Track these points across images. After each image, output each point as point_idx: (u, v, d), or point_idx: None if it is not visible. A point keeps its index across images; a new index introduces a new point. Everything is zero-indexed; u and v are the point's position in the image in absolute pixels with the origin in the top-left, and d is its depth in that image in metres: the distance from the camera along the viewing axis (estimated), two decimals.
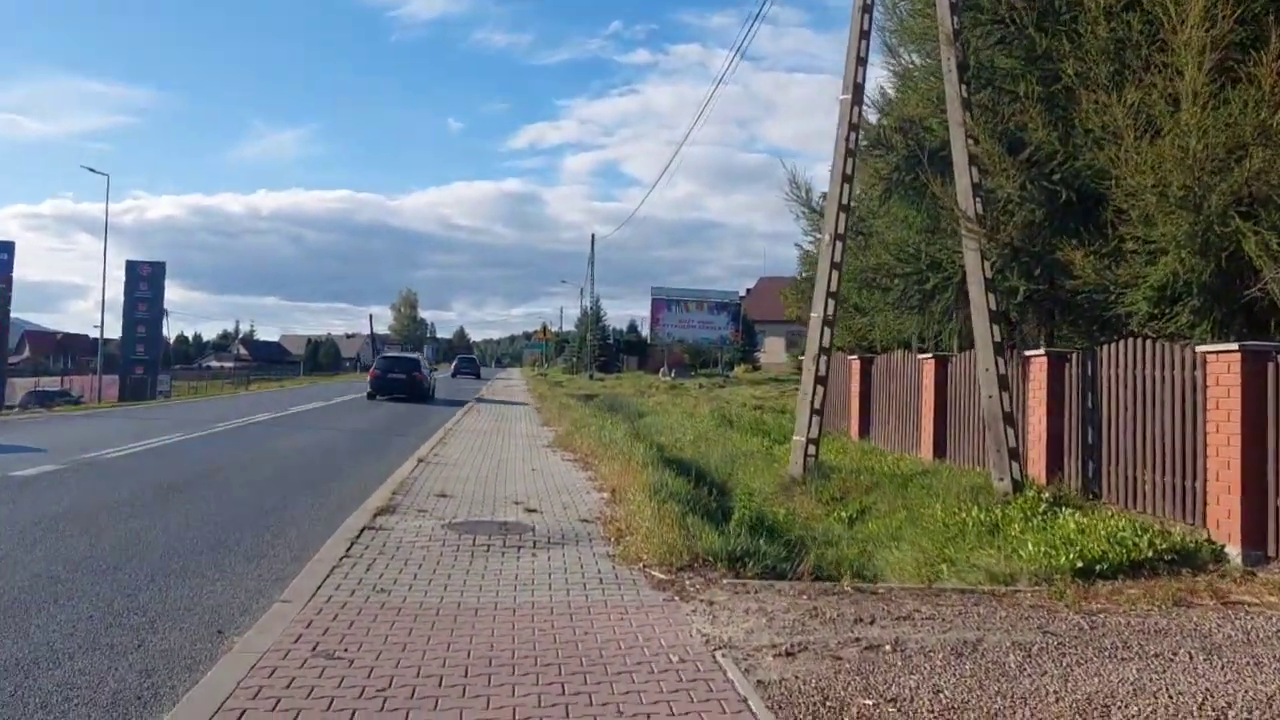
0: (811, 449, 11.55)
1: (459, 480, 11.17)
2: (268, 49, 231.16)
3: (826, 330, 11.40)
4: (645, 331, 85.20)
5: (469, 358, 72.88)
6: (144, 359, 53.59)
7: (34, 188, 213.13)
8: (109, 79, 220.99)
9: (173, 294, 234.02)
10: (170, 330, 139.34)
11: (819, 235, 14.94)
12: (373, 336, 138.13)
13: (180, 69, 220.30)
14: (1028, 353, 10.40)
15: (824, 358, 11.46)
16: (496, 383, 57.45)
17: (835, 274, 11.33)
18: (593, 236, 64.70)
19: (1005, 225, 9.67)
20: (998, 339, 9.79)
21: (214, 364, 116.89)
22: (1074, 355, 9.93)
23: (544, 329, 75.19)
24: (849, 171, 11.14)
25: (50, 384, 57.44)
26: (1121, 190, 8.43)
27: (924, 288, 11.65)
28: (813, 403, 11.45)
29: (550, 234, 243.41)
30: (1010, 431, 9.72)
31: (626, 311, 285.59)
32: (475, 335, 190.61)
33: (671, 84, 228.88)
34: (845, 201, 11.18)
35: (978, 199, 9.71)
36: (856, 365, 15.98)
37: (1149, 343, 8.57)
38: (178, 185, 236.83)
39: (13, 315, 49.72)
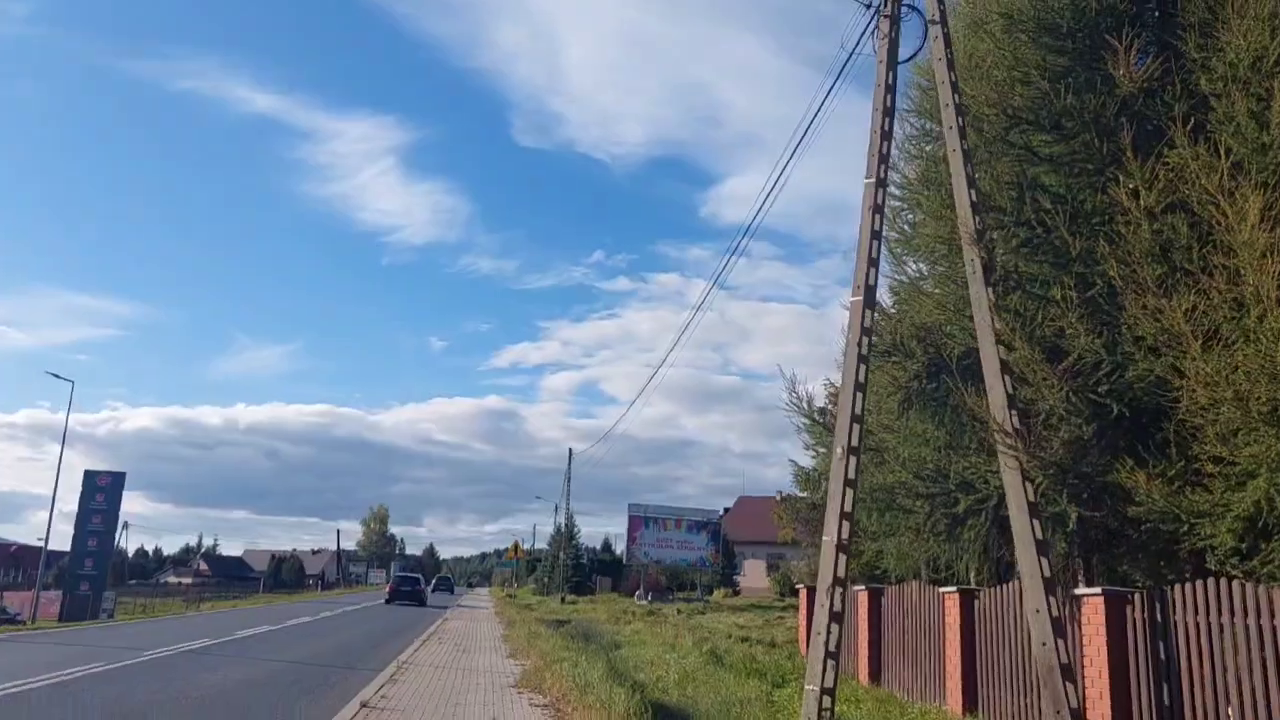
0: (827, 701, 9.76)
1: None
2: (260, 267, 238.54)
3: (841, 557, 9.92)
4: (620, 549, 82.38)
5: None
6: (91, 574, 50.38)
7: (9, 398, 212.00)
8: (99, 292, 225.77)
9: (140, 506, 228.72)
10: (131, 544, 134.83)
11: (821, 449, 13.73)
12: (339, 553, 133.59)
13: (171, 286, 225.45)
14: (1079, 591, 8.94)
15: (839, 590, 9.91)
16: (461, 606, 54.20)
17: (849, 492, 10.00)
18: (570, 451, 63.60)
19: (1049, 442, 8.48)
20: (1047, 574, 8.35)
21: (172, 579, 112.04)
22: (1137, 596, 8.48)
23: (515, 547, 72.36)
24: (861, 379, 10.06)
25: None
26: (1191, 404, 7.32)
27: (953, 511, 10.32)
28: (827, 644, 9.78)
29: (528, 450, 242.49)
30: (1070, 689, 8.09)
31: (601, 529, 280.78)
32: (445, 552, 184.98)
33: (651, 309, 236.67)
34: (858, 411, 10.03)
35: (1013, 412, 8.58)
36: (865, 598, 14.33)
37: (1237, 585, 7.19)
38: (157, 397, 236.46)
39: None
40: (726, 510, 69.99)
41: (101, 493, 51.07)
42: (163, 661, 16.32)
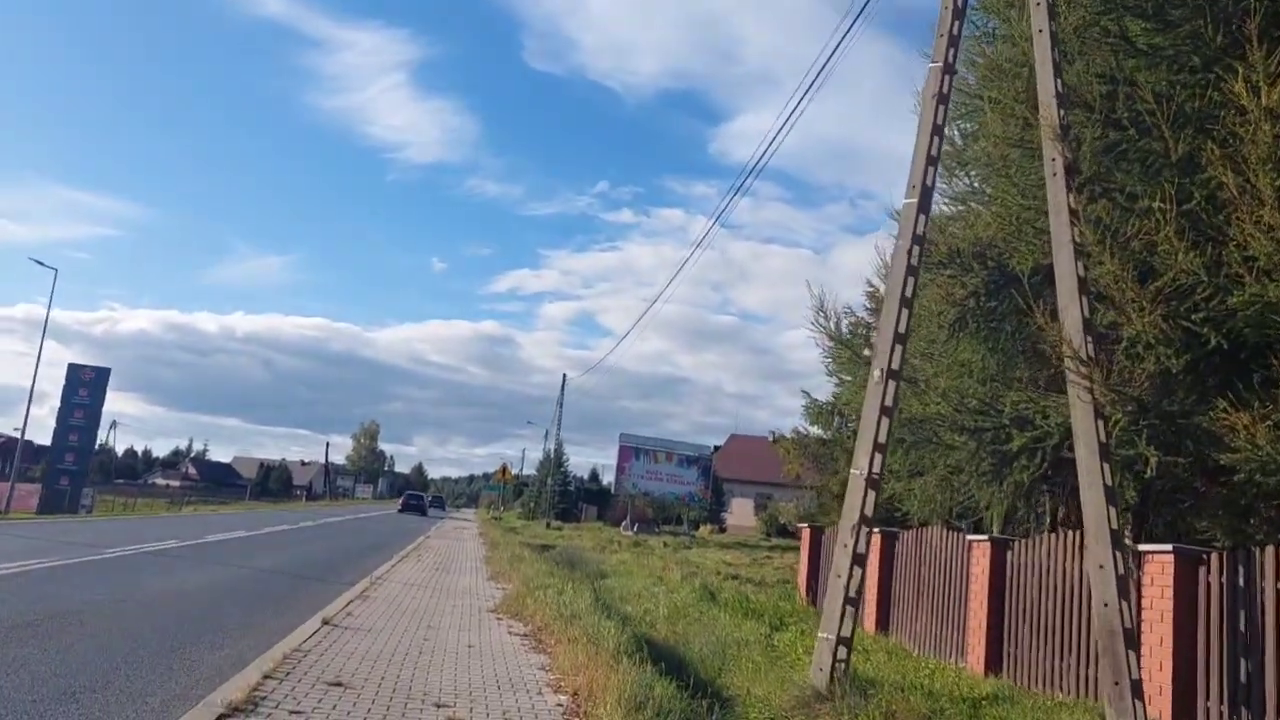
0: (843, 651, 8.70)
1: (368, 658, 8.18)
2: (263, 175, 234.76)
3: (871, 494, 8.77)
4: (608, 480, 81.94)
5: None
6: (71, 469, 49.63)
7: (6, 291, 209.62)
8: (100, 190, 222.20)
9: (133, 408, 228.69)
10: (120, 444, 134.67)
11: (846, 378, 12.54)
12: (327, 466, 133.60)
13: (173, 187, 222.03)
14: (1145, 548, 7.82)
15: (864, 530, 8.77)
16: (446, 523, 53.64)
17: (885, 422, 8.80)
18: (564, 376, 62.60)
19: (1131, 375, 7.26)
20: (1114, 525, 7.21)
21: (160, 481, 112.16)
22: (1213, 557, 7.37)
23: (504, 470, 71.71)
24: (908, 293, 8.80)
25: None
26: None
27: (1003, 449, 9.14)
28: (848, 589, 8.69)
29: (521, 377, 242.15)
30: (1133, 658, 7.01)
31: (590, 459, 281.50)
32: (434, 472, 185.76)
33: (653, 244, 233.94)
34: (903, 330, 8.79)
35: (1089, 338, 7.34)
36: (877, 541, 13.27)
37: None
38: (155, 300, 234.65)
39: None
40: (717, 448, 69.29)
41: (85, 388, 50.02)
42: (121, 561, 15.30)
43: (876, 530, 15.57)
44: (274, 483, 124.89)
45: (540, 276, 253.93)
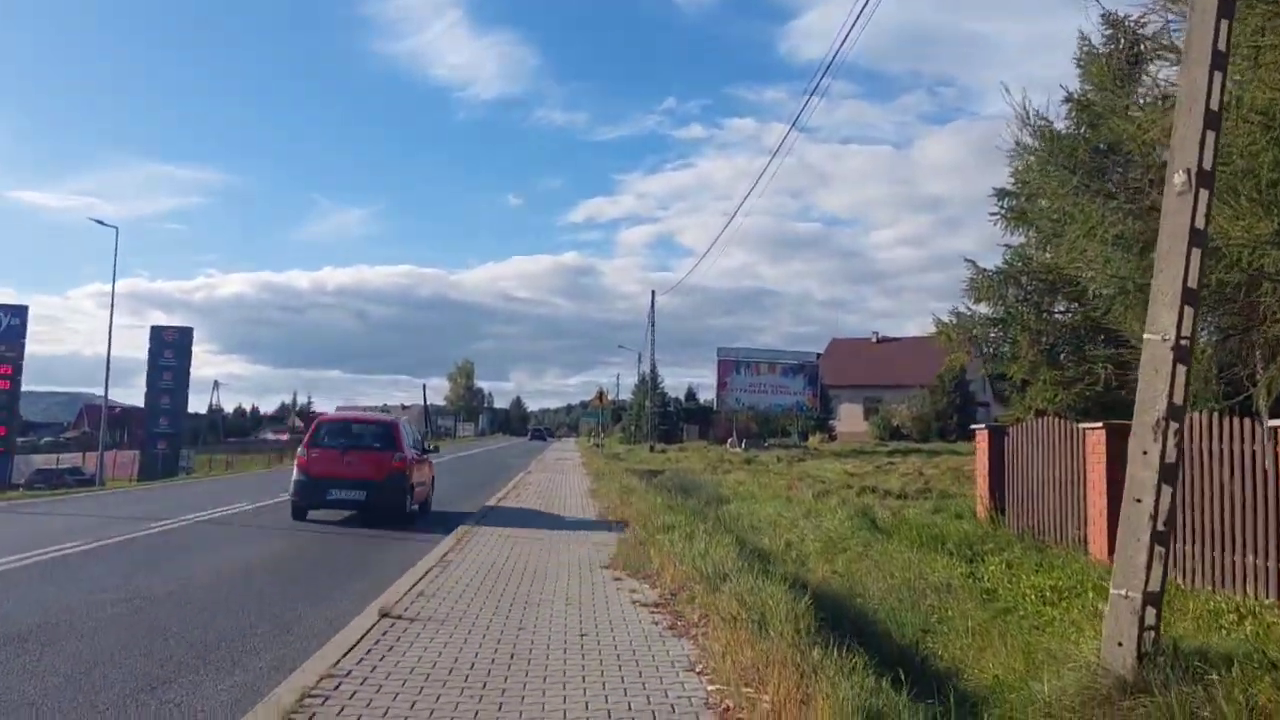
0: (1152, 615, 5.61)
1: (431, 676, 5.47)
2: (336, 130, 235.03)
3: (1180, 370, 5.55)
4: (705, 397, 79.32)
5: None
6: (167, 432, 49.28)
7: (108, 268, 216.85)
8: (182, 162, 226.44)
9: (240, 369, 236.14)
10: (229, 404, 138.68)
11: (1044, 223, 9.14)
12: (426, 407, 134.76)
13: (251, 151, 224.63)
14: None
15: (1173, 427, 5.59)
16: (547, 454, 51.87)
17: (1196, 256, 5.53)
18: (653, 293, 59.51)
19: None
20: None
21: (269, 436, 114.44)
22: None
23: (600, 395, 69.65)
24: (1221, 45, 5.44)
25: (73, 460, 53.34)
26: None
27: None
28: (1155, 517, 5.54)
29: (606, 304, 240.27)
30: None
31: (683, 379, 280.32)
32: (532, 405, 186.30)
33: (726, 157, 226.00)
34: (1215, 105, 5.46)
35: None
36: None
37: None
38: (249, 263, 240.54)
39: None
40: (819, 355, 65.71)
41: (170, 349, 49.32)
42: (164, 539, 13.07)
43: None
44: None
45: (616, 202, 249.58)
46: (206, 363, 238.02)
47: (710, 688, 5.37)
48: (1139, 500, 5.61)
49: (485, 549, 11.25)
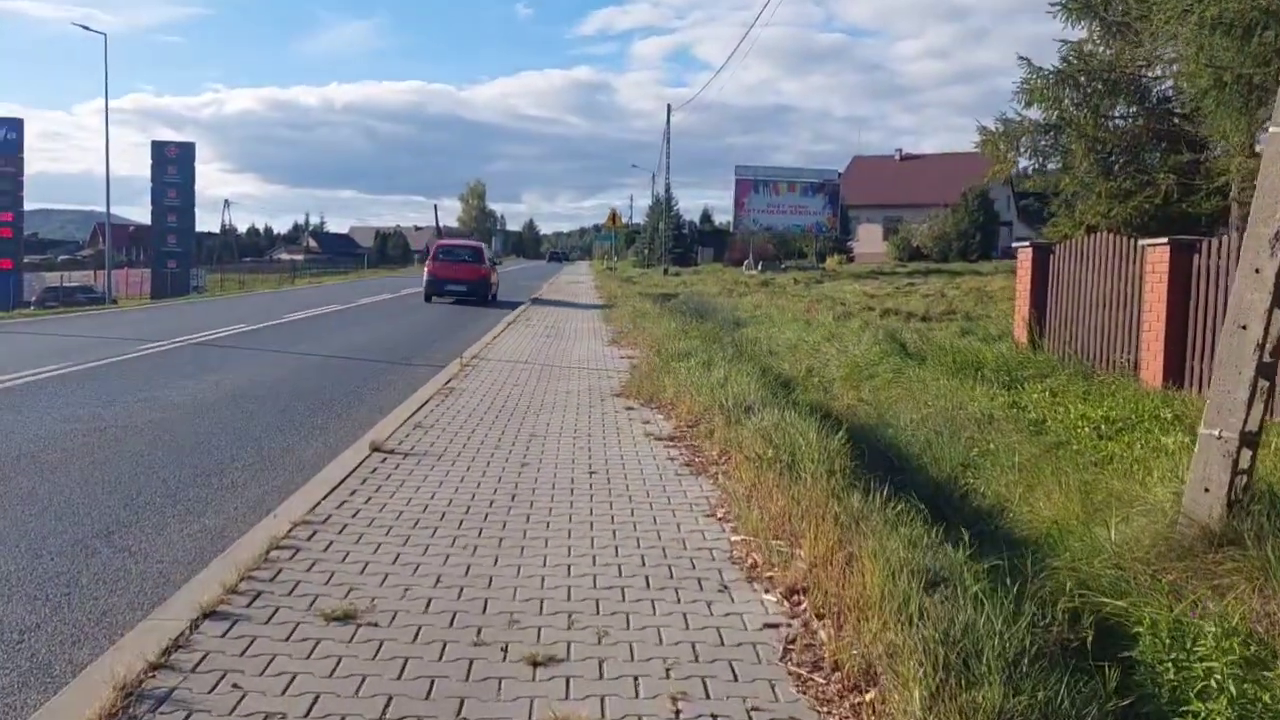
0: (1247, 458, 4.87)
1: (421, 522, 4.86)
2: None
3: None
4: (721, 220, 77.57)
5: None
6: (176, 251, 48.49)
7: (112, 85, 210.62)
8: None
9: (253, 188, 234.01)
10: (243, 223, 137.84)
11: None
12: (439, 228, 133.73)
13: None
14: None
15: None
16: (560, 277, 51.11)
17: None
18: (668, 107, 56.84)
19: None
20: None
21: (284, 256, 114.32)
22: None
23: (613, 216, 67.98)
24: None
25: (84, 278, 53.07)
26: None
27: None
28: (1264, 344, 4.70)
29: (621, 123, 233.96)
30: None
31: (698, 201, 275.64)
32: (545, 228, 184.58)
33: None
34: None
35: None
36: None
37: None
38: (253, 79, 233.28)
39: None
40: (840, 174, 63.54)
41: (173, 165, 47.74)
42: (146, 362, 12.46)
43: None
44: (391, 249, 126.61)
45: (628, 12, 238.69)
46: (220, 182, 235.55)
47: (734, 538, 4.73)
48: (1244, 327, 4.74)
49: (485, 380, 10.61)
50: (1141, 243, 9.42)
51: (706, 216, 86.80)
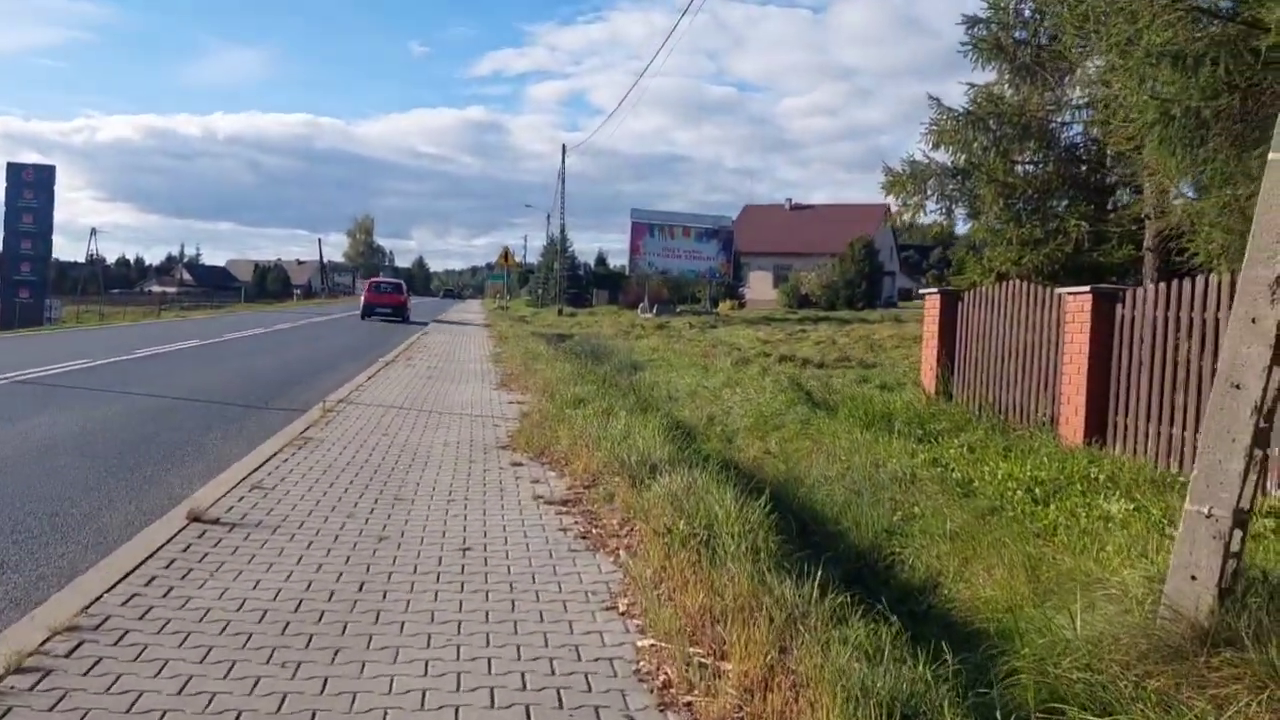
0: (1238, 538, 4.18)
1: (232, 625, 3.70)
2: None
3: None
4: (616, 263, 77.24)
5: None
6: (29, 279, 44.93)
7: None
8: None
9: (127, 218, 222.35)
10: (112, 253, 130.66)
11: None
12: (322, 263, 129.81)
13: None
14: None
15: None
16: (450, 311, 49.47)
17: None
18: (563, 146, 56.31)
19: None
20: None
21: (155, 289, 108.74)
22: None
23: (506, 255, 66.47)
24: None
25: None
26: None
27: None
28: (1261, 407, 4.03)
29: (514, 163, 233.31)
30: None
31: (591, 244, 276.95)
32: (436, 265, 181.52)
33: (641, 11, 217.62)
34: None
35: None
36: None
37: None
38: (132, 105, 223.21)
39: None
40: (733, 220, 64.08)
41: (29, 189, 44.35)
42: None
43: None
44: (271, 283, 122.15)
45: (525, 55, 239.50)
46: (90, 210, 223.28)
47: (641, 642, 3.74)
48: (1238, 386, 4.06)
49: (355, 423, 9.39)
50: (1060, 291, 8.96)
51: (601, 259, 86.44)
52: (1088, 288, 8.60)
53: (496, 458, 7.83)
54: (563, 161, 55.31)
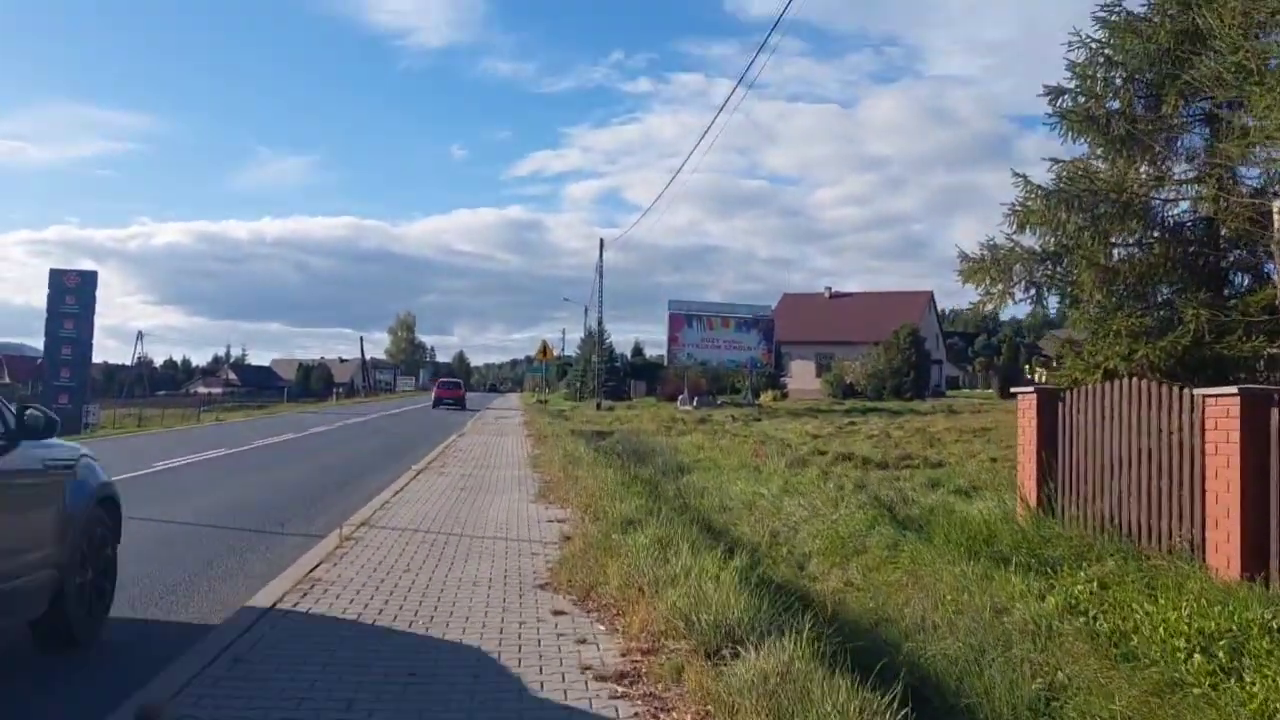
0: None
1: None
2: (273, 77, 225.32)
3: None
4: (653, 353, 76.42)
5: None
6: (69, 385, 44.78)
7: (38, 214, 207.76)
8: (113, 106, 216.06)
9: (176, 320, 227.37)
10: (160, 355, 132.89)
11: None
12: (364, 360, 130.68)
13: (185, 96, 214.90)
14: None
15: None
16: (488, 411, 48.54)
17: None
18: (600, 241, 56.10)
19: None
20: None
21: (201, 390, 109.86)
22: None
23: (544, 349, 66.01)
24: None
25: None
26: None
27: None
28: None
29: (552, 260, 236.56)
30: None
31: (629, 335, 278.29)
32: (476, 359, 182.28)
33: (673, 112, 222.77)
34: None
35: None
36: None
37: None
38: (184, 212, 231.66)
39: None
40: (771, 309, 63.21)
41: (72, 294, 44.45)
42: None
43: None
44: (315, 382, 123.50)
45: (562, 156, 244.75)
46: (141, 314, 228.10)
47: None
48: None
49: (373, 555, 8.18)
50: (1198, 392, 7.61)
51: (638, 350, 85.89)
52: (1234, 389, 7.24)
53: (535, 602, 6.55)
54: (600, 254, 55.01)
